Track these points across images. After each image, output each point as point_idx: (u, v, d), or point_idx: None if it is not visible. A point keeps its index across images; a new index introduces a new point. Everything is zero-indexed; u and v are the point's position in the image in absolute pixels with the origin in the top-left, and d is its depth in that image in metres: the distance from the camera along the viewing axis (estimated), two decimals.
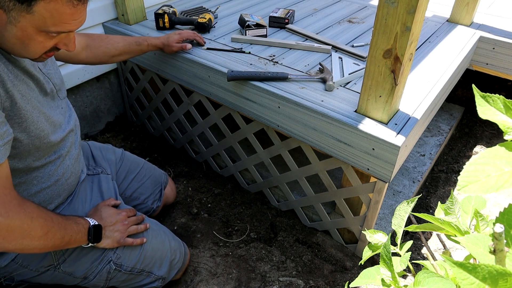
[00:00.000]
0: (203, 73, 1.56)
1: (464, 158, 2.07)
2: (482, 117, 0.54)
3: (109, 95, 2.10)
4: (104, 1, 1.81)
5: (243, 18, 1.76)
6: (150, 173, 1.53)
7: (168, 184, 1.61)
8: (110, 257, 1.14)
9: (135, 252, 1.18)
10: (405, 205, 0.84)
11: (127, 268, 1.17)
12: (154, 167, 1.58)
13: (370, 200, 1.34)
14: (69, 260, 1.09)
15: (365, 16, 2.02)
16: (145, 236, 1.22)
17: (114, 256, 1.14)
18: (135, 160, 1.52)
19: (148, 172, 1.52)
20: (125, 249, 1.16)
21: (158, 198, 1.54)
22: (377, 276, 0.77)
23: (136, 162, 1.51)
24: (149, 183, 1.51)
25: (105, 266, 1.13)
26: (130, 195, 1.46)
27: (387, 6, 0.99)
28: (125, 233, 1.16)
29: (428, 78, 1.47)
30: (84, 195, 1.20)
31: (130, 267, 1.18)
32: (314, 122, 1.29)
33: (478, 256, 0.57)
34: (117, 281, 1.17)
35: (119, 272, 1.16)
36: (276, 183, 1.64)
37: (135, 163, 1.50)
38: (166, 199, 1.60)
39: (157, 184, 1.54)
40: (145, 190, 1.50)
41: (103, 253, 1.13)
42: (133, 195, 1.46)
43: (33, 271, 1.07)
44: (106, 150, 1.43)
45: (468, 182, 0.48)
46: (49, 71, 1.03)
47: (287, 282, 1.42)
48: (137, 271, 1.20)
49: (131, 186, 1.46)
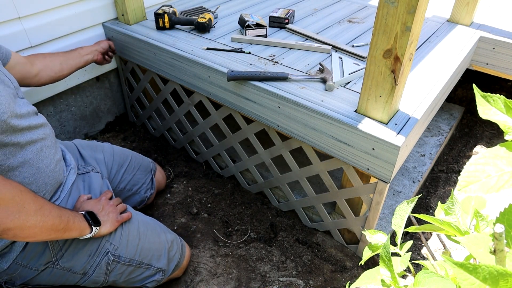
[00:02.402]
0: (203, 73, 1.55)
1: (464, 158, 2.07)
2: (483, 117, 0.54)
3: (109, 95, 2.10)
4: (104, 1, 1.81)
5: (243, 18, 1.76)
6: (139, 163, 1.57)
7: (158, 171, 1.67)
8: (107, 248, 1.15)
9: (132, 243, 1.20)
10: (405, 205, 0.84)
11: (125, 260, 1.18)
12: (142, 157, 1.62)
13: (371, 200, 1.34)
14: (67, 255, 1.09)
15: (365, 16, 2.02)
16: (140, 228, 1.25)
17: (111, 247, 1.15)
18: (124, 152, 1.54)
19: (137, 162, 1.56)
20: (122, 240, 1.18)
21: (151, 186, 1.59)
22: (377, 277, 0.77)
23: (124, 155, 1.53)
24: (140, 173, 1.55)
25: (103, 258, 1.14)
26: (124, 187, 1.49)
27: (387, 6, 0.99)
28: (117, 211, 1.19)
29: (428, 78, 1.47)
30: (77, 195, 1.20)
31: (129, 258, 1.18)
32: (314, 122, 1.29)
33: (479, 256, 0.57)
34: (117, 274, 1.18)
35: (118, 264, 1.16)
36: (277, 183, 1.64)
37: (124, 156, 1.53)
38: (158, 185, 1.67)
39: (147, 172, 1.59)
40: (137, 180, 1.54)
41: (100, 244, 1.13)
42: (126, 187, 1.50)
43: (33, 270, 1.08)
44: (94, 149, 1.43)
45: (468, 182, 0.48)
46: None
47: (287, 282, 1.42)
48: (136, 263, 1.20)
49: (124, 179, 1.49)
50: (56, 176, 1.13)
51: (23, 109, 1.03)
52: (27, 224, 0.89)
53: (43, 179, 1.07)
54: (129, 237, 1.20)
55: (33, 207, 0.90)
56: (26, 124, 1.01)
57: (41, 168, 1.06)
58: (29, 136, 1.03)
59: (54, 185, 1.12)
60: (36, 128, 1.06)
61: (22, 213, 0.87)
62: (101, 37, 1.87)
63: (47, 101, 1.80)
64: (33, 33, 1.60)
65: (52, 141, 1.15)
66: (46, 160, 1.08)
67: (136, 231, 1.23)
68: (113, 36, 1.85)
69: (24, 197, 0.89)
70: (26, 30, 1.57)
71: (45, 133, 1.11)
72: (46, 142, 1.10)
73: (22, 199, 0.88)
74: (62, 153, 1.26)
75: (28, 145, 1.02)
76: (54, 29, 1.67)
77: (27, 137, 1.02)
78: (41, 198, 0.96)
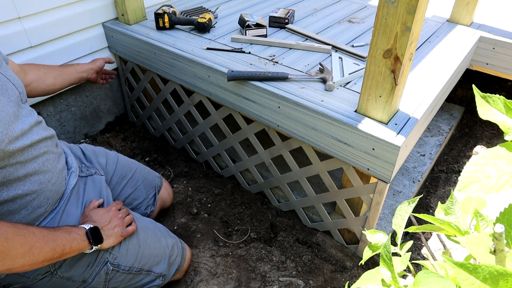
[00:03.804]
0: (203, 73, 1.56)
1: (464, 158, 2.07)
2: (483, 117, 0.54)
3: (109, 95, 2.10)
4: (104, 1, 1.81)
5: (243, 18, 1.76)
6: (143, 177, 1.49)
7: (163, 188, 1.57)
8: (105, 258, 1.13)
9: (132, 251, 1.18)
10: (406, 205, 0.84)
11: (125, 268, 1.16)
12: (148, 170, 1.54)
13: (371, 200, 1.34)
14: (65, 265, 1.08)
15: (365, 16, 2.02)
16: (140, 235, 1.22)
17: (110, 257, 1.13)
18: (129, 164, 1.48)
19: (141, 176, 1.48)
20: (121, 249, 1.16)
21: (152, 202, 1.50)
22: (377, 277, 0.77)
23: (129, 166, 1.47)
24: (143, 188, 1.47)
25: (102, 267, 1.12)
26: (123, 201, 1.42)
27: (387, 6, 0.99)
28: (124, 225, 1.16)
29: (428, 78, 1.47)
30: (77, 199, 1.18)
31: (128, 266, 1.17)
32: (314, 122, 1.29)
33: (479, 256, 0.57)
34: (117, 281, 1.17)
35: (117, 272, 1.15)
36: (277, 183, 1.64)
37: (128, 167, 1.46)
38: (162, 203, 1.58)
39: (151, 188, 1.51)
40: (138, 195, 1.46)
41: (98, 255, 1.12)
42: (126, 200, 1.43)
43: (30, 279, 1.06)
44: (98, 153, 1.40)
45: (468, 183, 0.48)
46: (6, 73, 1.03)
47: (287, 282, 1.42)
48: (136, 270, 1.19)
49: (124, 192, 1.42)
50: (58, 188, 1.11)
51: (25, 123, 1.00)
52: (14, 267, 0.87)
53: (45, 194, 1.05)
54: (128, 246, 1.18)
55: (20, 251, 0.87)
56: (27, 143, 0.99)
57: (43, 183, 1.04)
58: (30, 153, 1.01)
59: (56, 198, 1.10)
60: (38, 143, 1.03)
61: (7, 260, 0.85)
62: (101, 37, 1.87)
63: (47, 101, 1.80)
64: (33, 33, 1.60)
65: (55, 151, 1.12)
66: (49, 174, 1.06)
67: (136, 239, 1.20)
68: (113, 36, 1.85)
69: (9, 245, 0.86)
70: (26, 30, 1.57)
71: (47, 146, 1.08)
72: (49, 156, 1.07)
73: (7, 247, 0.85)
74: (65, 155, 1.23)
75: (29, 162, 1.00)
76: (54, 29, 1.67)
77: (28, 155, 1.00)
78: (32, 237, 0.91)
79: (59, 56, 1.73)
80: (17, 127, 0.97)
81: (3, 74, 1.01)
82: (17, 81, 1.06)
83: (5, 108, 0.93)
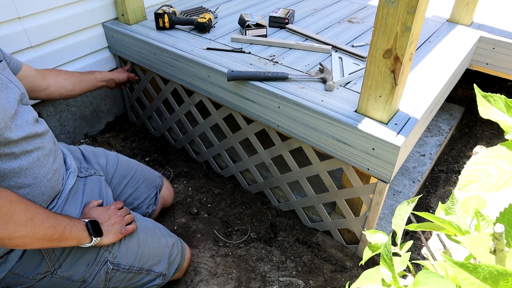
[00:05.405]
0: (203, 73, 1.55)
1: (464, 158, 2.07)
2: (483, 116, 0.54)
3: (109, 95, 2.10)
4: (104, 1, 1.81)
5: (243, 18, 1.76)
6: (144, 177, 1.49)
7: (164, 187, 1.58)
8: (106, 257, 1.13)
9: (132, 250, 1.18)
10: (406, 205, 0.84)
11: (125, 267, 1.16)
12: (149, 170, 1.54)
13: (371, 200, 1.34)
14: (65, 265, 1.08)
15: (365, 16, 2.02)
16: (140, 234, 1.22)
17: (110, 256, 1.14)
18: (129, 164, 1.48)
19: (142, 175, 1.49)
20: (121, 248, 1.16)
21: (154, 202, 1.51)
22: (377, 276, 0.76)
23: (129, 166, 1.47)
24: (144, 187, 1.48)
25: (102, 267, 1.12)
26: (124, 200, 1.43)
27: (387, 6, 0.99)
28: (123, 223, 1.17)
29: (428, 78, 1.47)
30: (76, 199, 1.18)
31: (128, 266, 1.17)
32: (314, 122, 1.29)
33: (479, 256, 0.57)
34: (117, 281, 1.17)
35: (117, 272, 1.15)
36: (277, 183, 1.64)
37: (128, 167, 1.46)
38: (163, 202, 1.58)
39: (152, 187, 1.51)
40: (139, 195, 1.47)
41: (98, 253, 1.12)
42: (127, 200, 1.44)
43: (30, 279, 1.06)
44: (98, 154, 1.40)
45: (469, 181, 0.48)
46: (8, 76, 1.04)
47: (287, 282, 1.42)
48: (136, 269, 1.19)
49: (125, 192, 1.43)
50: (54, 185, 1.10)
51: (22, 117, 1.01)
52: (15, 235, 0.88)
53: (40, 189, 1.05)
54: (128, 245, 1.18)
55: (23, 217, 0.89)
56: (22, 135, 0.99)
57: (37, 178, 1.04)
58: (25, 146, 1.01)
59: (51, 194, 1.10)
60: (33, 137, 1.04)
61: (9, 224, 0.86)
62: (101, 37, 1.87)
63: (47, 101, 1.80)
64: (33, 33, 1.60)
65: (52, 148, 1.12)
66: (43, 169, 1.06)
67: (136, 238, 1.21)
68: (113, 36, 1.85)
69: (13, 208, 0.87)
70: (26, 30, 1.57)
71: (43, 142, 1.08)
72: (44, 151, 1.07)
73: (10, 209, 0.86)
74: (63, 155, 1.23)
75: (23, 155, 1.00)
76: (54, 29, 1.67)
77: (22, 147, 1.00)
78: (34, 208, 0.93)
79: (59, 56, 1.73)
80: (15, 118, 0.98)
81: (5, 76, 1.03)
82: (20, 84, 1.07)
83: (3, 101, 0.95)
